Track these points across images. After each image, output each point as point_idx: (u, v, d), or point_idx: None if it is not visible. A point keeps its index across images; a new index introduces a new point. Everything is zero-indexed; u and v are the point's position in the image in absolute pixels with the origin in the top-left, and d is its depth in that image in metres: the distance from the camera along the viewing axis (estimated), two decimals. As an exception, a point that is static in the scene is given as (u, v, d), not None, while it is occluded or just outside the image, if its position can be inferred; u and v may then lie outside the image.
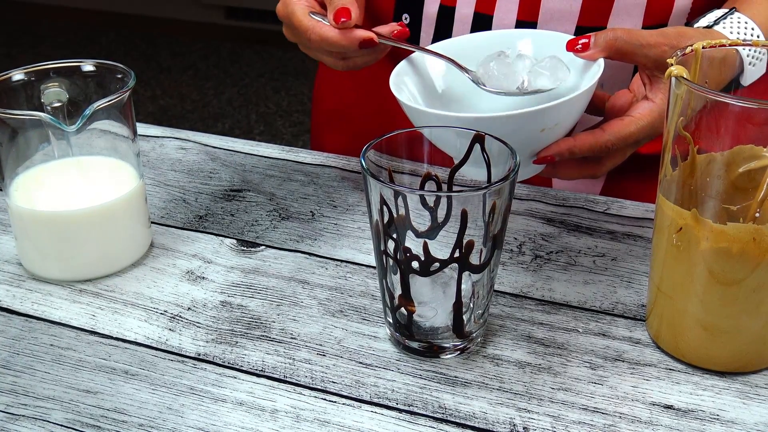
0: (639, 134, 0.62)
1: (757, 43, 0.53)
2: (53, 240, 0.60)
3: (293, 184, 0.74)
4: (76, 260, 0.61)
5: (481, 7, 0.75)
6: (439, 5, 0.77)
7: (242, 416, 0.50)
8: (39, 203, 0.60)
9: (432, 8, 0.77)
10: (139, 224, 0.63)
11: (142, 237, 0.64)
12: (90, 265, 0.61)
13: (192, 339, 0.56)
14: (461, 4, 0.76)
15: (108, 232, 0.61)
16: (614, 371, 0.53)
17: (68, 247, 0.61)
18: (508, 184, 0.50)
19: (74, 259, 0.61)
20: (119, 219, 0.62)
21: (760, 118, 0.49)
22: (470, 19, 0.76)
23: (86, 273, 0.61)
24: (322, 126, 0.92)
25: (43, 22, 3.62)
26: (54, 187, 0.62)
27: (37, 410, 0.50)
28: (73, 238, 0.60)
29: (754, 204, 0.51)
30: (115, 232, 0.62)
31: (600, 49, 0.62)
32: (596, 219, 0.68)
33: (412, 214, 0.52)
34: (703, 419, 0.50)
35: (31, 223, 0.60)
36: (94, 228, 0.61)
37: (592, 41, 0.62)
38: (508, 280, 0.61)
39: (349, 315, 0.58)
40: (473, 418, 0.50)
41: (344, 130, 0.88)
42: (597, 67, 0.62)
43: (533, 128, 0.59)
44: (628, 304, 0.59)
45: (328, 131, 0.90)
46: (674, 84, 0.50)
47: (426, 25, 0.78)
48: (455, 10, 0.76)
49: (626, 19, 0.73)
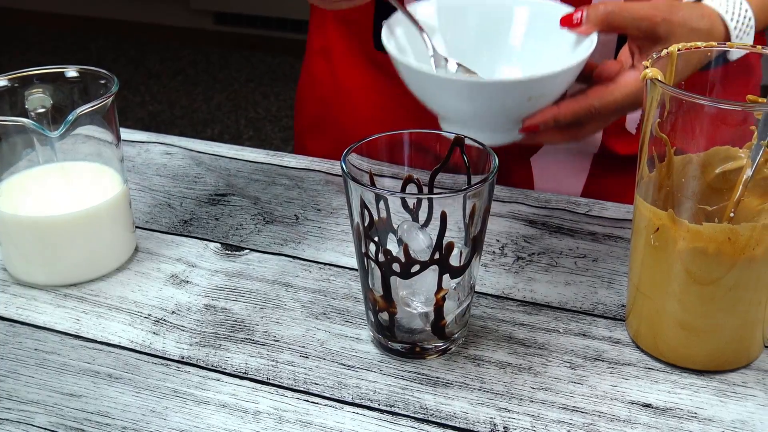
0: (623, 101, 0.63)
1: (732, 45, 0.54)
2: (38, 245, 0.61)
3: (278, 188, 0.74)
4: (60, 265, 0.61)
5: None
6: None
7: (225, 418, 0.50)
8: (23, 208, 0.61)
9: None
10: (124, 229, 0.64)
11: (127, 241, 0.64)
12: (74, 270, 0.62)
13: (176, 342, 0.56)
14: None
15: (92, 236, 0.62)
16: (594, 371, 0.54)
17: (53, 252, 0.61)
18: (487, 186, 0.51)
19: (59, 264, 0.61)
20: (103, 224, 0.62)
21: (735, 119, 0.50)
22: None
23: (71, 278, 0.62)
24: (305, 132, 0.92)
25: (30, 29, 3.62)
26: (38, 193, 0.62)
27: (21, 414, 0.51)
28: (57, 243, 0.61)
29: (729, 205, 0.51)
30: (99, 236, 0.62)
31: (593, 24, 0.63)
32: (578, 221, 0.69)
33: (393, 216, 0.53)
34: (681, 417, 0.50)
35: (15, 229, 0.61)
36: (79, 233, 0.61)
37: (584, 16, 0.63)
38: (490, 282, 0.62)
39: (332, 317, 0.59)
40: (454, 418, 0.50)
41: (327, 135, 0.89)
42: (589, 42, 0.63)
43: (522, 96, 0.60)
44: (608, 305, 0.60)
45: (311, 137, 0.91)
46: (650, 86, 0.50)
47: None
48: None
49: None
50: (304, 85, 0.91)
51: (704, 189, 0.52)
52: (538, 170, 0.82)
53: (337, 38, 0.85)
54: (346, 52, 0.84)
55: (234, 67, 3.26)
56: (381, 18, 0.77)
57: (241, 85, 3.12)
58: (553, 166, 0.82)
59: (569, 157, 0.81)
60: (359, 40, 0.82)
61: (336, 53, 0.85)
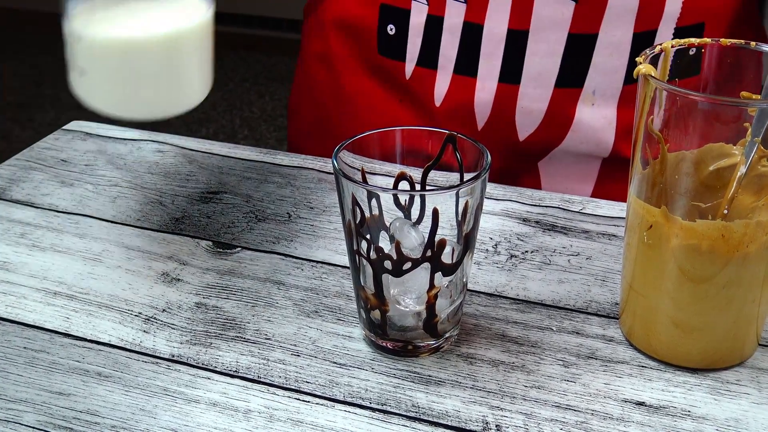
0: None
1: (725, 42, 0.53)
2: (119, 70, 0.57)
3: (270, 186, 0.74)
4: (140, 95, 0.58)
5: (471, 17, 0.75)
6: (426, 15, 0.76)
7: (215, 417, 0.50)
8: (107, 29, 0.57)
9: (419, 18, 0.77)
10: (209, 59, 0.61)
11: (209, 75, 0.62)
12: (152, 103, 0.59)
13: (166, 340, 0.56)
14: (450, 14, 0.75)
15: (182, 62, 0.58)
16: (587, 369, 0.53)
17: (134, 79, 0.57)
18: (479, 183, 0.50)
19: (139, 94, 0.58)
20: (192, 49, 0.58)
21: (729, 115, 0.50)
22: (460, 29, 0.76)
23: (146, 112, 0.60)
24: (301, 136, 0.91)
25: (27, 27, 3.61)
26: (123, 15, 0.58)
27: (9, 413, 0.50)
28: (140, 69, 0.57)
29: (723, 202, 0.51)
30: (189, 62, 0.58)
31: None
32: (571, 219, 0.69)
33: (385, 214, 0.52)
34: (675, 415, 0.50)
35: (102, 51, 0.57)
36: (164, 59, 0.57)
37: None
38: (483, 280, 0.62)
39: (324, 315, 0.58)
40: (446, 417, 0.50)
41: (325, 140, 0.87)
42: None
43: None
44: (601, 303, 0.59)
45: (308, 142, 0.90)
46: (643, 82, 0.50)
47: (413, 35, 0.78)
48: (443, 20, 0.76)
49: (618, 25, 0.73)
50: (300, 89, 0.91)
51: (698, 186, 0.52)
52: (547, 175, 0.82)
53: (338, 44, 0.84)
54: (348, 58, 0.84)
55: (229, 66, 3.26)
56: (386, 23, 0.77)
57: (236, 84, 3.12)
58: (562, 170, 0.81)
59: (578, 162, 0.81)
60: (362, 47, 0.82)
61: (337, 59, 0.85)
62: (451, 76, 0.78)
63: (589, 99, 0.77)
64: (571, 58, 0.75)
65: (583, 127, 0.78)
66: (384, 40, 0.78)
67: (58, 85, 3.10)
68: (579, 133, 0.79)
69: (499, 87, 0.77)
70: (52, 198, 0.72)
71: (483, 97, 0.78)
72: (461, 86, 0.79)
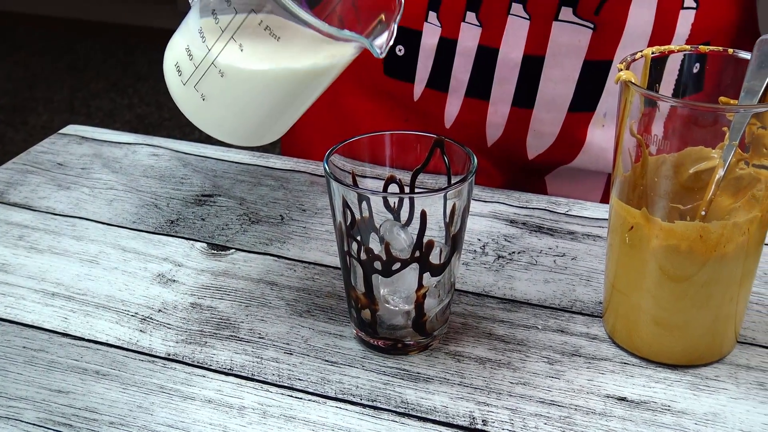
0: None
1: (703, 50, 0.55)
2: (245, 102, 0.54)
3: (263, 189, 0.75)
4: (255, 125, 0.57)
5: (487, 41, 0.73)
6: (439, 38, 0.74)
7: (210, 413, 0.52)
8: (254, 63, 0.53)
9: (431, 40, 0.75)
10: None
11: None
12: (261, 134, 0.57)
13: (162, 340, 0.57)
14: (464, 37, 0.73)
15: (302, 102, 0.56)
16: (571, 366, 0.55)
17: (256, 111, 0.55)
18: (466, 186, 0.52)
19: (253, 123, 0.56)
20: (325, 82, 0.57)
21: (707, 120, 0.51)
22: (474, 52, 0.74)
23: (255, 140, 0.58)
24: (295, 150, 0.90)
25: (20, 30, 3.62)
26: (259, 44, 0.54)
27: (10, 410, 0.52)
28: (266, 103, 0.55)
29: (702, 203, 0.53)
30: (306, 101, 0.57)
31: None
32: (557, 220, 0.70)
33: (375, 216, 0.54)
34: (655, 410, 0.52)
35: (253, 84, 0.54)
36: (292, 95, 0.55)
37: None
38: (471, 280, 0.63)
39: (316, 315, 0.60)
40: (434, 412, 0.52)
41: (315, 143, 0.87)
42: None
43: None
44: (586, 302, 0.61)
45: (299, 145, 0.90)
46: (624, 89, 0.52)
47: (423, 57, 0.76)
48: (457, 43, 0.74)
49: (632, 49, 0.73)
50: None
51: (678, 188, 0.54)
52: (553, 188, 0.83)
53: None
54: (350, 77, 0.82)
55: (222, 69, 3.26)
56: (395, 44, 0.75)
57: (229, 87, 3.12)
58: (568, 184, 0.82)
59: (586, 176, 0.81)
60: (365, 66, 0.80)
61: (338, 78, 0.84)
62: (462, 99, 0.77)
63: (600, 121, 0.77)
64: (586, 83, 0.75)
65: (593, 148, 0.78)
66: (392, 61, 0.77)
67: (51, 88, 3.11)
68: (589, 154, 0.79)
69: (511, 111, 0.77)
70: (49, 201, 0.74)
71: (495, 120, 0.78)
72: (473, 109, 0.78)
